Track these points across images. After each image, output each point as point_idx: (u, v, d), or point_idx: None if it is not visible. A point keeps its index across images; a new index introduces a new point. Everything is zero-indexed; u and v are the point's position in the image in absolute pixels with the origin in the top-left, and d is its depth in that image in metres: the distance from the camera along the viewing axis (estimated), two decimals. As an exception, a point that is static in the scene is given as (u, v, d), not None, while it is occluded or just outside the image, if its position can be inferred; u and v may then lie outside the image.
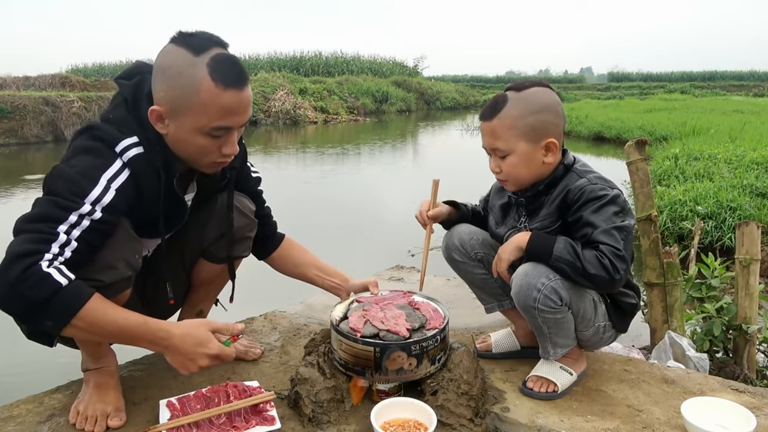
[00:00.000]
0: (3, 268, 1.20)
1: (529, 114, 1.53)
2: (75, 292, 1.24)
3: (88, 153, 1.34)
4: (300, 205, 6.28)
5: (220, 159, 1.42)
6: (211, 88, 1.29)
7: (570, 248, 1.48)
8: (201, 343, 1.34)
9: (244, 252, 1.77)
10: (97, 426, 1.45)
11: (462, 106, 29.31)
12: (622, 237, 1.47)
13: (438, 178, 1.79)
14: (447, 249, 1.83)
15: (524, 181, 1.61)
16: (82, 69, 30.26)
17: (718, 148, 7.27)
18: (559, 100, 1.60)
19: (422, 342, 1.51)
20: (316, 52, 31.41)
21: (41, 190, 1.32)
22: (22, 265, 1.19)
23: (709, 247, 4.20)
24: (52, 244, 1.24)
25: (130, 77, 1.44)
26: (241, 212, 1.68)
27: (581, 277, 1.47)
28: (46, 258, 1.22)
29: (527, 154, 1.55)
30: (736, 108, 15.71)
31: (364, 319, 1.59)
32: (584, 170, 1.59)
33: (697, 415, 1.42)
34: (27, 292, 1.19)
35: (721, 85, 39.32)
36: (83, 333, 1.30)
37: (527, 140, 1.54)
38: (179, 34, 1.34)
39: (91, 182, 1.30)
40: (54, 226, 1.25)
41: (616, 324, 1.68)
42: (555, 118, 1.56)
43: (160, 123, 1.36)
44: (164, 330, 1.33)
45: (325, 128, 17.60)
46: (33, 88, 14.55)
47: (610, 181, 1.57)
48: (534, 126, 1.53)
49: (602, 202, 1.49)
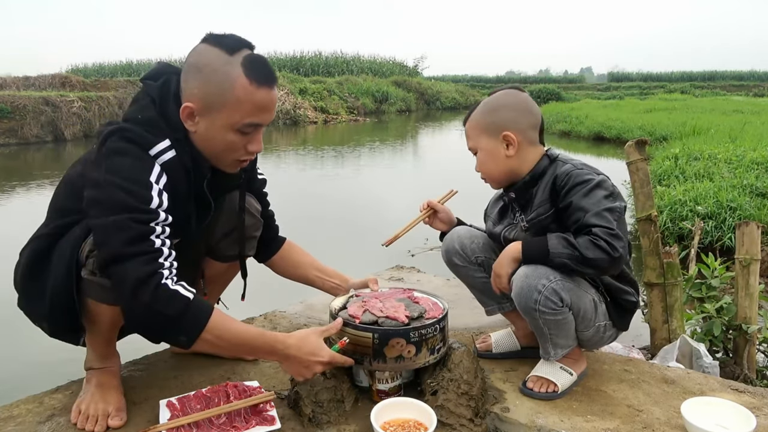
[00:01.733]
0: (131, 295, 1.26)
1: (489, 112, 1.68)
2: (200, 306, 1.32)
3: (124, 156, 1.33)
4: (299, 206, 6.28)
5: (245, 157, 1.46)
6: (246, 86, 1.34)
7: (563, 241, 1.49)
8: (314, 351, 1.44)
9: (251, 251, 1.78)
10: (97, 426, 1.45)
11: (462, 106, 29.29)
12: (614, 218, 1.48)
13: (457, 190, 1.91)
14: (447, 253, 1.83)
15: (494, 175, 1.69)
16: (82, 69, 30.23)
17: (718, 148, 7.27)
18: (523, 99, 1.68)
19: (421, 329, 1.51)
20: (316, 52, 31.44)
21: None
22: (151, 287, 1.25)
23: (709, 247, 4.20)
24: (161, 260, 1.29)
25: (156, 78, 1.44)
26: (248, 212, 1.69)
27: (583, 265, 1.47)
28: (166, 276, 1.28)
29: (489, 148, 1.67)
30: (736, 108, 15.70)
31: (363, 308, 1.59)
32: (569, 158, 1.65)
33: (697, 415, 1.42)
34: (164, 311, 1.26)
35: (721, 85, 39.28)
36: (209, 345, 1.36)
37: (488, 135, 1.66)
38: (211, 35, 1.39)
39: (146, 188, 1.32)
40: (152, 243, 1.29)
41: (617, 322, 1.68)
42: (514, 115, 1.65)
43: (190, 120, 1.38)
44: (280, 341, 1.42)
45: (325, 128, 17.60)
46: (33, 88, 14.53)
47: (596, 168, 1.60)
48: (493, 122, 1.66)
49: (590, 186, 1.52)
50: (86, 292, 1.38)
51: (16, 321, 1.53)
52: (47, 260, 1.41)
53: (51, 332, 1.50)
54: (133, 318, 1.31)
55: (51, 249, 1.42)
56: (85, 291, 1.38)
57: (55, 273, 1.38)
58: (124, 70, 28.95)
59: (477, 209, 1.96)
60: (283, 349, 1.42)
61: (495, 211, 1.83)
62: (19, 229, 1.55)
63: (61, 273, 1.37)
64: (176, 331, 1.30)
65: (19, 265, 1.48)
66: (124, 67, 29.82)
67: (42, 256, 1.43)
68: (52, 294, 1.38)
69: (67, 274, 1.36)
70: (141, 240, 1.28)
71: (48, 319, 1.45)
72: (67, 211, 1.42)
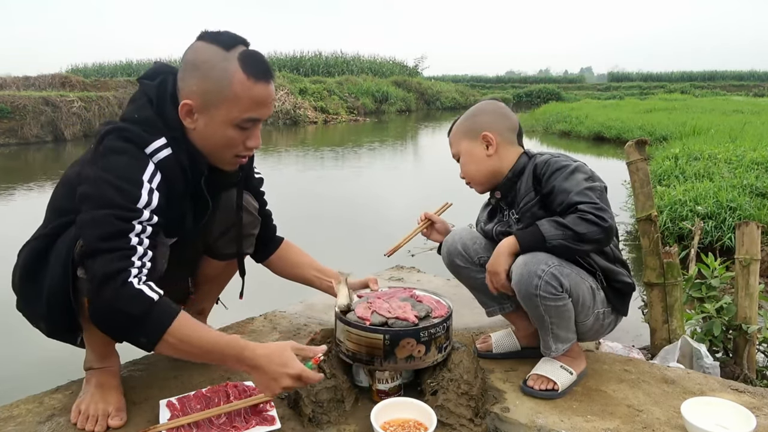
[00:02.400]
0: (97, 290, 1.25)
1: (468, 118, 1.80)
2: (165, 308, 1.29)
3: (121, 155, 1.34)
4: (299, 205, 6.27)
5: (244, 153, 1.47)
6: (244, 80, 1.35)
7: (554, 223, 1.54)
8: (284, 363, 1.33)
9: (249, 249, 1.78)
10: (97, 425, 1.45)
11: (462, 107, 29.27)
12: (596, 196, 1.54)
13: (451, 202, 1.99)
14: (449, 255, 1.84)
15: (477, 176, 1.77)
16: (82, 69, 30.23)
17: (718, 148, 7.26)
18: (500, 106, 1.82)
19: (430, 328, 1.52)
20: (316, 52, 31.44)
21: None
22: (116, 284, 1.24)
23: (709, 247, 4.19)
24: (133, 258, 1.28)
25: (153, 77, 1.46)
26: (246, 209, 1.69)
27: (579, 242, 1.51)
28: (134, 274, 1.27)
29: (470, 150, 1.76)
30: (736, 108, 15.69)
31: (370, 309, 1.59)
32: (546, 152, 1.73)
33: (697, 415, 1.42)
34: (125, 309, 1.24)
35: (721, 85, 39.27)
36: (172, 349, 1.31)
37: (468, 138, 1.77)
38: (206, 33, 1.40)
39: (137, 186, 1.31)
40: (127, 241, 1.28)
41: (616, 307, 1.71)
42: (491, 118, 1.76)
43: (189, 118, 1.39)
44: (250, 349, 1.34)
45: (325, 128, 17.59)
46: (33, 88, 14.52)
47: (573, 157, 1.69)
48: (471, 126, 1.77)
49: (569, 170, 1.59)
50: (82, 291, 1.38)
51: (16, 321, 1.53)
52: (44, 261, 1.41)
53: (48, 332, 1.50)
54: (95, 314, 1.30)
55: (48, 249, 1.42)
56: (81, 290, 1.38)
57: (52, 273, 1.38)
58: (124, 70, 28.95)
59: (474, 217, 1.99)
60: (251, 358, 1.33)
61: (485, 214, 1.89)
62: (20, 230, 1.55)
63: (57, 273, 1.37)
64: (137, 332, 1.27)
65: (17, 267, 1.47)
66: (124, 67, 29.82)
67: (39, 257, 1.43)
68: (49, 294, 1.38)
69: (64, 274, 1.36)
70: (117, 237, 1.27)
71: (45, 319, 1.45)
72: (65, 211, 1.42)
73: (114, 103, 13.53)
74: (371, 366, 1.54)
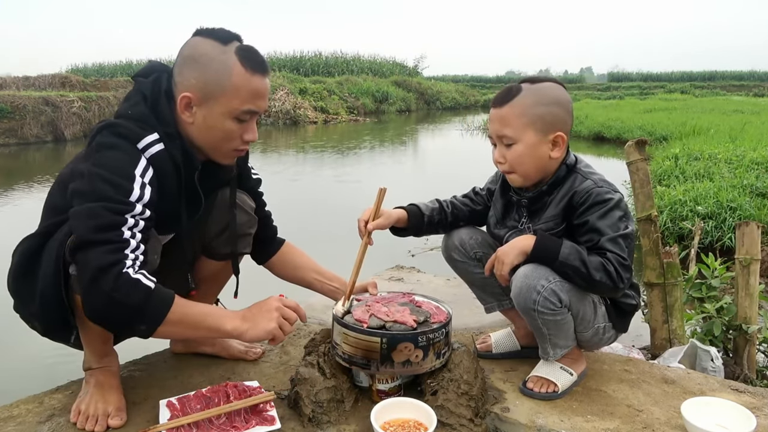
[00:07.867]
0: (91, 283, 1.25)
1: (541, 105, 1.53)
2: (162, 294, 1.31)
3: (113, 150, 1.35)
4: (298, 205, 6.27)
5: (241, 146, 1.49)
6: (242, 73, 1.39)
7: (576, 253, 1.48)
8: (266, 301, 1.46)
9: (246, 248, 1.77)
10: (97, 425, 1.45)
11: (462, 106, 29.30)
12: (627, 245, 1.49)
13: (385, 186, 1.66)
14: (446, 249, 1.83)
15: (528, 173, 1.59)
16: (82, 69, 30.25)
17: (718, 148, 7.27)
18: (570, 99, 1.61)
19: (429, 333, 1.50)
20: (316, 52, 31.44)
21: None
22: (112, 275, 1.24)
23: (709, 247, 4.20)
24: (127, 250, 1.28)
25: (147, 75, 1.48)
26: (241, 208, 1.69)
27: (585, 282, 1.48)
28: (128, 265, 1.27)
29: (534, 144, 1.54)
30: (736, 108, 15.71)
31: (368, 312, 1.58)
32: (588, 171, 1.59)
33: (697, 415, 1.42)
34: (124, 300, 1.25)
35: (721, 85, 39.28)
36: (172, 330, 1.37)
37: (536, 130, 1.53)
38: (202, 29, 1.43)
39: (129, 180, 1.33)
40: (120, 234, 1.29)
41: (617, 324, 1.68)
42: (565, 115, 1.56)
43: (188, 111, 1.42)
44: (235, 311, 1.45)
45: (325, 128, 17.59)
46: (33, 88, 14.53)
47: (613, 185, 1.58)
48: (544, 117, 1.53)
49: (608, 207, 1.50)
50: (75, 288, 1.37)
51: (15, 321, 1.53)
52: (38, 259, 1.41)
53: (43, 331, 1.49)
54: (92, 306, 1.28)
55: (42, 248, 1.41)
56: (73, 287, 1.37)
57: (45, 271, 1.38)
58: (123, 70, 28.94)
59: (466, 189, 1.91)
60: (242, 312, 1.44)
61: (498, 206, 1.76)
62: (20, 230, 1.54)
63: (50, 270, 1.36)
64: (138, 320, 1.29)
65: (11, 267, 1.47)
66: (123, 67, 29.81)
67: (32, 256, 1.42)
68: (42, 292, 1.38)
69: (56, 271, 1.36)
70: (110, 229, 1.28)
71: (39, 318, 1.45)
72: (59, 209, 1.41)
73: (114, 103, 13.53)
74: (368, 370, 1.53)
